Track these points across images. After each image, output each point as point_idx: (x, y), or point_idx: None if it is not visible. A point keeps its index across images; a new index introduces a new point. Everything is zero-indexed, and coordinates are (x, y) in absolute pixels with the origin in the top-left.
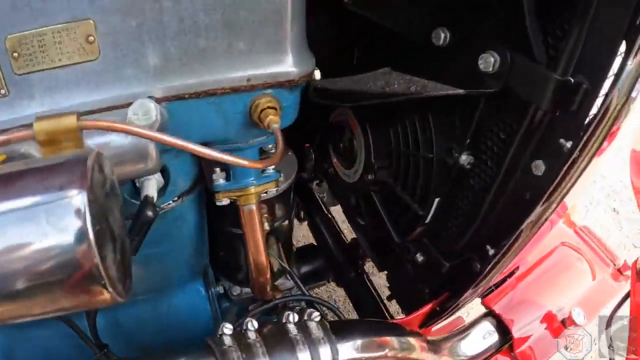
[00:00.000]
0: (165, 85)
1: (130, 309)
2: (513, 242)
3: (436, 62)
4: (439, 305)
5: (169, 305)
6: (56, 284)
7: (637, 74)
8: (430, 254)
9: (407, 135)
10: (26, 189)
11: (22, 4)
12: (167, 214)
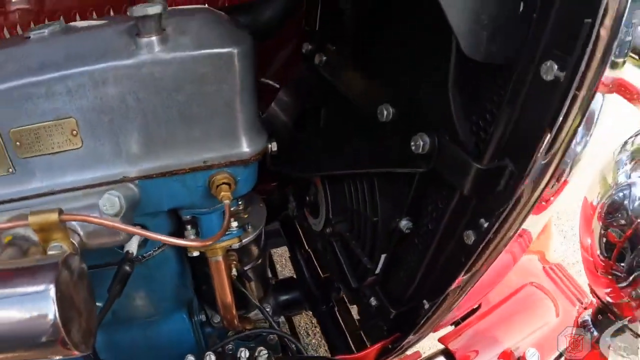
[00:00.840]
0: (136, 167)
1: (125, 332)
2: (443, 300)
3: (380, 137)
4: (390, 343)
5: (158, 330)
6: (35, 346)
7: (559, 159)
8: (381, 300)
9: (358, 197)
10: (14, 284)
11: (19, 106)
12: (150, 260)
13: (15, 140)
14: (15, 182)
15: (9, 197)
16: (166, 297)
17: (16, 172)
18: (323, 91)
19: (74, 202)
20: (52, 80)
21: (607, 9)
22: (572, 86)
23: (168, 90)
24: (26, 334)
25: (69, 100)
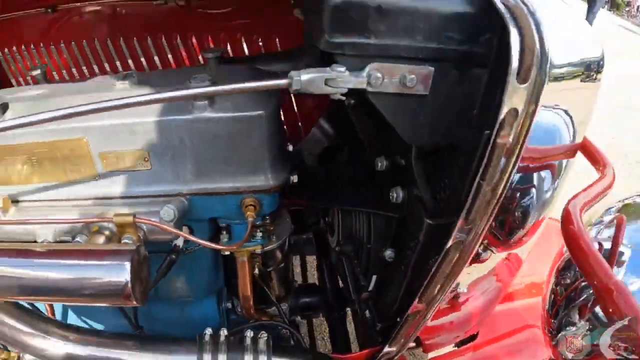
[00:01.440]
0: (188, 187)
1: (163, 307)
2: (406, 318)
3: (375, 183)
4: (373, 353)
5: (190, 310)
6: (111, 296)
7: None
8: (372, 313)
9: (361, 226)
10: (105, 259)
11: (109, 137)
12: (191, 253)
13: (102, 159)
14: (100, 186)
15: (95, 196)
16: (201, 284)
17: (99, 179)
18: (348, 131)
19: (141, 207)
20: (135, 124)
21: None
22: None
23: (212, 138)
24: (108, 288)
25: (144, 138)
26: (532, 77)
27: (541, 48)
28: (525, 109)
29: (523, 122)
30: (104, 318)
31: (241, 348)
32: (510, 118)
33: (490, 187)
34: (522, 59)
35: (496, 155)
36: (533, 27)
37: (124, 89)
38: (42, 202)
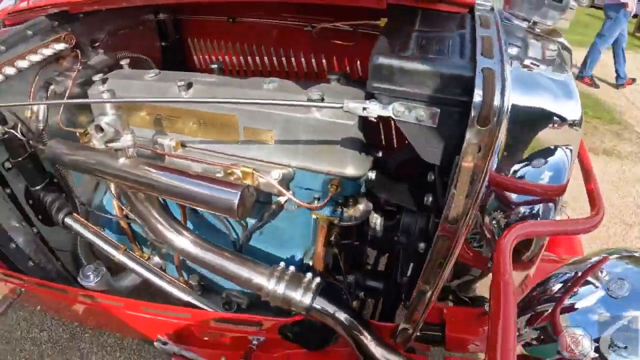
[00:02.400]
0: (295, 162)
1: (260, 248)
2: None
3: (425, 189)
4: (395, 327)
5: (280, 256)
6: (222, 209)
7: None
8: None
9: (412, 222)
10: (228, 186)
11: (254, 117)
12: (290, 211)
13: (244, 131)
14: (238, 148)
15: (234, 153)
16: (294, 237)
17: (239, 144)
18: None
19: (262, 168)
20: (270, 114)
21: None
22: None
23: (317, 133)
24: (225, 203)
25: (274, 123)
26: (491, 123)
27: (500, 104)
28: (486, 144)
29: (484, 153)
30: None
31: (298, 284)
32: (472, 149)
33: (462, 196)
34: (481, 111)
35: (462, 174)
36: (497, 89)
37: (267, 89)
38: (199, 149)
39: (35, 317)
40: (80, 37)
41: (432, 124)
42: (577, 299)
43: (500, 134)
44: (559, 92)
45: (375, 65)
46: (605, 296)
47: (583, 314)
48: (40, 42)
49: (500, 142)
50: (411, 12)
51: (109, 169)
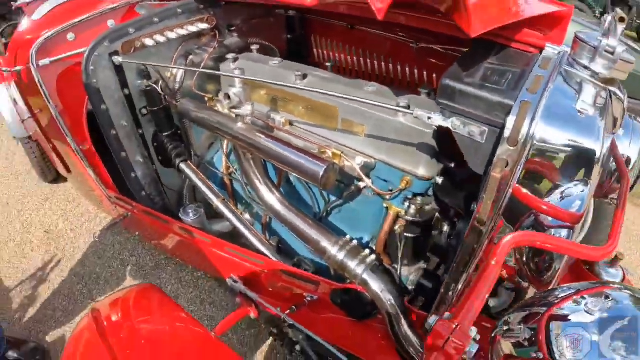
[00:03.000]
0: (377, 155)
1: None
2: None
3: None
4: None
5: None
6: (310, 177)
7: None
8: None
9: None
10: (318, 160)
11: (349, 111)
12: (365, 196)
13: (342, 121)
14: (334, 134)
15: (329, 137)
16: (365, 219)
17: (336, 131)
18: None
19: (350, 154)
20: (364, 112)
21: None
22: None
23: (400, 135)
24: (312, 171)
25: (367, 120)
26: (518, 145)
27: (527, 130)
28: (513, 161)
29: (511, 167)
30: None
31: (356, 255)
32: (501, 163)
33: (490, 201)
34: (512, 133)
35: (491, 183)
36: (528, 118)
37: (366, 91)
38: (302, 129)
39: (129, 243)
40: (219, 20)
41: (480, 140)
42: (571, 312)
43: (525, 154)
44: (584, 131)
45: (443, 85)
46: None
47: (573, 326)
48: (187, 19)
49: (525, 160)
50: (490, 46)
51: (228, 129)
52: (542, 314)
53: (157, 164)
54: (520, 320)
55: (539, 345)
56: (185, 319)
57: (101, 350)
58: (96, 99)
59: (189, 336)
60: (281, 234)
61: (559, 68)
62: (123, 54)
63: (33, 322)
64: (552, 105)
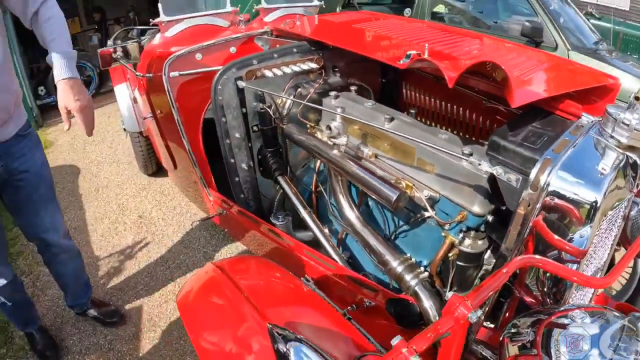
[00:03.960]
0: (442, 191)
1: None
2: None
3: None
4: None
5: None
6: (384, 199)
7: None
8: None
9: None
10: (391, 187)
11: (424, 153)
12: (429, 225)
13: (417, 160)
14: (409, 169)
15: (404, 171)
16: (425, 244)
17: (411, 167)
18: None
19: (419, 187)
20: (435, 154)
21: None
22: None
23: (461, 176)
24: (386, 195)
25: (437, 161)
26: (538, 190)
27: (545, 181)
28: (533, 201)
29: (532, 207)
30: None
31: (411, 270)
32: (524, 203)
33: (515, 232)
34: (533, 181)
35: (516, 218)
36: (547, 172)
37: (439, 137)
38: (385, 162)
39: (214, 239)
40: (326, 61)
41: (515, 185)
42: (570, 320)
43: (542, 197)
44: (592, 185)
45: (491, 141)
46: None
47: (569, 332)
48: (300, 58)
49: (541, 201)
50: (538, 111)
51: (324, 154)
52: (544, 319)
53: (258, 173)
54: (528, 325)
55: (535, 345)
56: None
57: (223, 282)
58: (219, 112)
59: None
60: (353, 250)
61: (586, 134)
62: (246, 80)
63: (115, 290)
64: (573, 163)
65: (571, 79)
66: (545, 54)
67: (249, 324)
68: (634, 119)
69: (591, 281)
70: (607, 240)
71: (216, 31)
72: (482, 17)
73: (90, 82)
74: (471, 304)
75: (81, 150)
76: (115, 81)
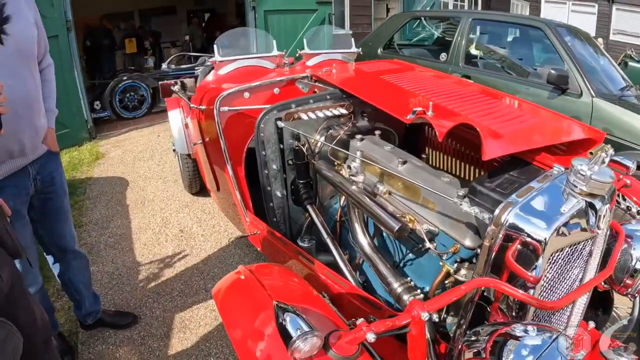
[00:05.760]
0: (440, 225)
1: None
2: None
3: None
4: None
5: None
6: (388, 229)
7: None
8: None
9: None
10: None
11: (424, 192)
12: (428, 254)
13: (423, 199)
14: (414, 205)
15: (410, 207)
16: (427, 271)
17: (416, 205)
18: None
19: (422, 221)
20: (430, 193)
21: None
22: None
23: (455, 214)
24: (389, 225)
25: (434, 198)
26: (498, 227)
27: (504, 219)
28: (494, 235)
29: (494, 240)
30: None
31: (410, 291)
32: (489, 236)
33: (483, 260)
34: (494, 219)
35: (484, 249)
36: (506, 212)
37: (442, 181)
38: (396, 198)
39: (247, 257)
40: (355, 107)
41: (488, 223)
42: (520, 332)
43: (501, 233)
44: (544, 223)
45: (471, 186)
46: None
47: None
48: (332, 103)
49: (502, 236)
50: (516, 161)
51: (345, 188)
52: (499, 329)
53: (290, 201)
54: (487, 334)
55: (485, 349)
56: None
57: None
58: (260, 146)
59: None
60: (367, 275)
61: (552, 182)
62: (284, 120)
63: (152, 293)
64: (533, 206)
65: (553, 133)
66: (544, 110)
67: (268, 311)
68: (589, 170)
69: (543, 304)
70: (571, 271)
71: (263, 72)
72: (521, 64)
73: (143, 102)
74: (427, 307)
75: (131, 165)
76: (169, 106)
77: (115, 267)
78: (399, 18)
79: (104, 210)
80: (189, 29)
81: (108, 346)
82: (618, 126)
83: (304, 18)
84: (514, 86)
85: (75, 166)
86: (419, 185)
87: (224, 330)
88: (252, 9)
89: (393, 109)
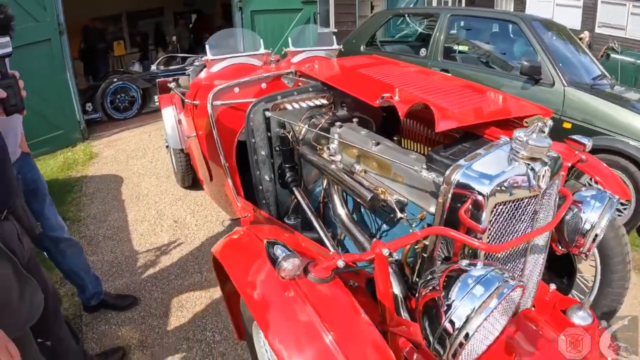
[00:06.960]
0: (409, 197)
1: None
2: None
3: None
4: None
5: None
6: (362, 198)
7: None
8: None
9: None
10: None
11: (398, 168)
12: (404, 224)
13: (393, 174)
14: (389, 182)
15: (384, 183)
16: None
17: (388, 179)
18: None
19: (392, 193)
20: (404, 168)
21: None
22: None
23: (421, 183)
24: (363, 195)
25: (404, 174)
26: (449, 185)
27: (453, 177)
28: (446, 192)
29: (446, 196)
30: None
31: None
32: (443, 193)
33: (438, 215)
34: (445, 179)
35: (437, 206)
36: (455, 172)
37: (410, 157)
38: (371, 175)
39: None
40: (335, 97)
41: (441, 183)
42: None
43: (451, 190)
44: (486, 181)
45: (428, 155)
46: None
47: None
48: (314, 95)
49: (452, 193)
50: (470, 135)
51: (326, 168)
52: (450, 267)
53: (277, 184)
54: (439, 272)
55: (439, 283)
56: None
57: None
58: (250, 134)
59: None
60: (349, 248)
61: (497, 149)
62: (271, 110)
63: (150, 278)
64: (478, 168)
65: (502, 111)
66: (502, 94)
67: (260, 250)
68: (525, 136)
69: (489, 247)
70: (518, 225)
71: (251, 69)
72: (498, 57)
73: (134, 103)
74: (388, 245)
75: (124, 163)
76: (162, 104)
77: (115, 256)
78: (382, 15)
79: (101, 205)
80: (176, 30)
81: (111, 326)
82: (589, 113)
83: (290, 17)
84: (491, 78)
85: (70, 166)
86: (389, 160)
87: (219, 307)
88: (239, 9)
89: (365, 95)
